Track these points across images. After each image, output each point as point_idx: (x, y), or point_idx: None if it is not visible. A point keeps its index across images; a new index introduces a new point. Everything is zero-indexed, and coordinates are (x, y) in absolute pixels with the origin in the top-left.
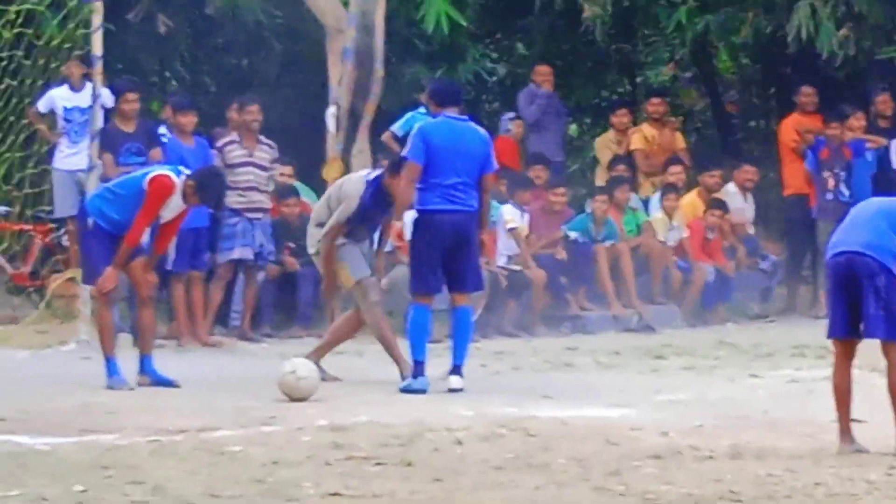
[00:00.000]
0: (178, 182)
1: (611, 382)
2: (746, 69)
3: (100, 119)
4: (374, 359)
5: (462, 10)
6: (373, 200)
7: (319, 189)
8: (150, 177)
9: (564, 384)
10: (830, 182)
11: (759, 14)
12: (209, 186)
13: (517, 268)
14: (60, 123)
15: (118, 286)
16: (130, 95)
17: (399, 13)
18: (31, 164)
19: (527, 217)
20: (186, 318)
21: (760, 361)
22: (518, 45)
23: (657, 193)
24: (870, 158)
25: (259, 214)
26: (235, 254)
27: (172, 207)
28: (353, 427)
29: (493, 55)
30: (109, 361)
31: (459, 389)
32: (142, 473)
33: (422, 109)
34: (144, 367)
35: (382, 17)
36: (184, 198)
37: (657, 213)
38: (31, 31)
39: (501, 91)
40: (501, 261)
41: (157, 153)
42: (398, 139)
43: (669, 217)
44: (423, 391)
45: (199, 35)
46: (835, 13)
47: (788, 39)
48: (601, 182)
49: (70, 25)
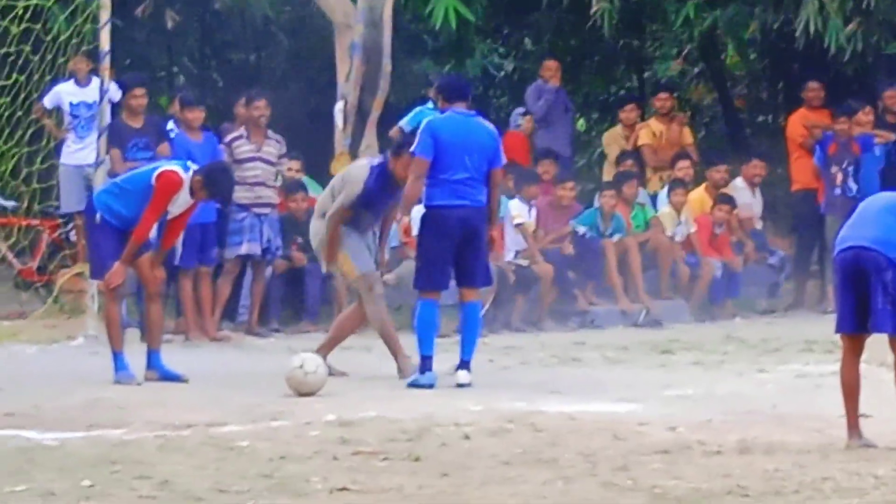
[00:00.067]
0: (186, 177)
1: (619, 377)
2: (754, 64)
3: (107, 114)
4: (382, 354)
5: (470, 6)
6: (377, 185)
7: (327, 184)
8: (158, 172)
9: (572, 379)
10: (838, 177)
11: (767, 9)
12: (217, 181)
13: (525, 263)
14: (67, 119)
15: (126, 281)
16: (138, 91)
17: (407, 8)
18: (39, 160)
19: (534, 212)
20: (194, 313)
21: (768, 356)
22: (526, 40)
23: (665, 188)
24: (878, 153)
25: (267, 209)
26: (243, 249)
27: (180, 203)
28: (361, 422)
29: (501, 50)
30: (117, 356)
31: (467, 384)
32: (149, 468)
33: (430, 104)
34: (152, 362)
35: (390, 13)
36: (192, 193)
37: (665, 208)
38: (39, 27)
39: (509, 86)
40: (509, 256)
41: (165, 148)
42: (406, 134)
43: (677, 212)
44: (431, 386)
45: (207, 30)
46: (843, 8)
47: (796, 34)
48: (609, 177)
49: (78, 21)
